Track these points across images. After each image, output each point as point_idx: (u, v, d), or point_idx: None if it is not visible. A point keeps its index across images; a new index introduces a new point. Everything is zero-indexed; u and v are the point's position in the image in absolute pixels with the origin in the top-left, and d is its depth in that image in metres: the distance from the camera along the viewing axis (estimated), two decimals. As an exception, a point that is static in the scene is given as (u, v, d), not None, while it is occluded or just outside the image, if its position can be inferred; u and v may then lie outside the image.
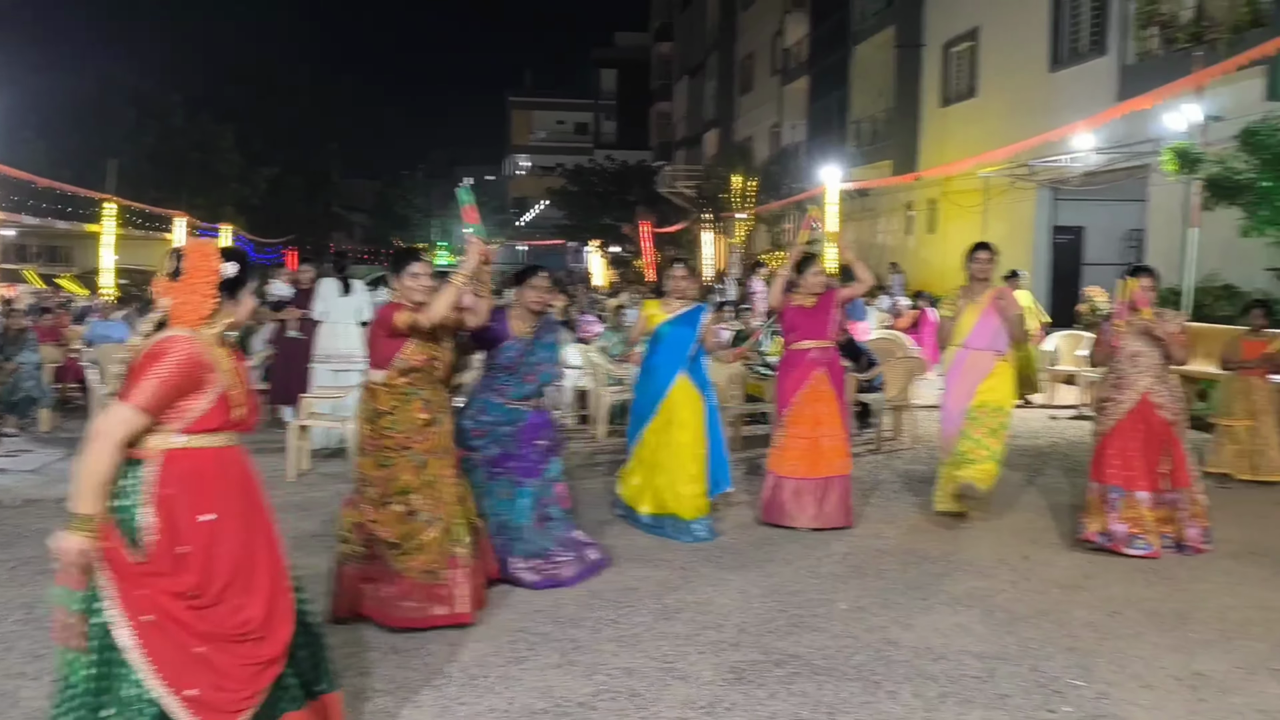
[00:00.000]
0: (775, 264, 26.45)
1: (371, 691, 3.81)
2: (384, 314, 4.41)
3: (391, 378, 4.37)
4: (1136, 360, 5.76)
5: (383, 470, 4.35)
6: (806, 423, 6.24)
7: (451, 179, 77.32)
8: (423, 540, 4.31)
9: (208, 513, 2.77)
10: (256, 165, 48.51)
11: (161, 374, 2.71)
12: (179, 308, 2.82)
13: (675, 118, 49.78)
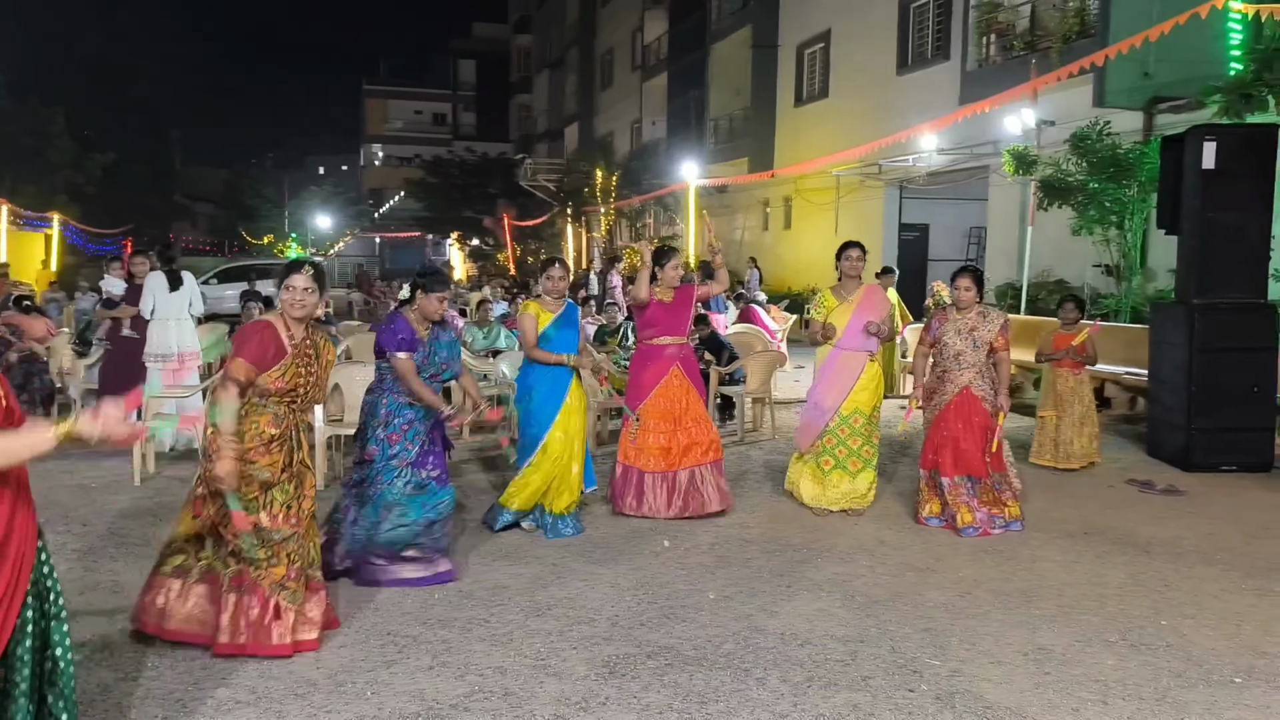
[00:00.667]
0: (635, 258, 26.71)
1: (233, 703, 3.68)
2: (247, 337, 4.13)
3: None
4: (960, 358, 6.14)
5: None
6: (664, 418, 6.33)
7: (304, 168, 75.05)
8: (278, 555, 4.08)
9: None
10: (91, 152, 45.81)
11: None
12: None
13: (536, 111, 49.55)
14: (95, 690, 3.77)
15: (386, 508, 4.95)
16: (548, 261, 6.25)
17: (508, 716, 3.63)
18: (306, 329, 4.22)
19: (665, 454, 6.28)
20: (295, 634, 4.08)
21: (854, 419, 6.44)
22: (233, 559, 4.09)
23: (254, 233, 58.07)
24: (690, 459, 6.33)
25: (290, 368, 4.09)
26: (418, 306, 5.11)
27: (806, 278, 20.96)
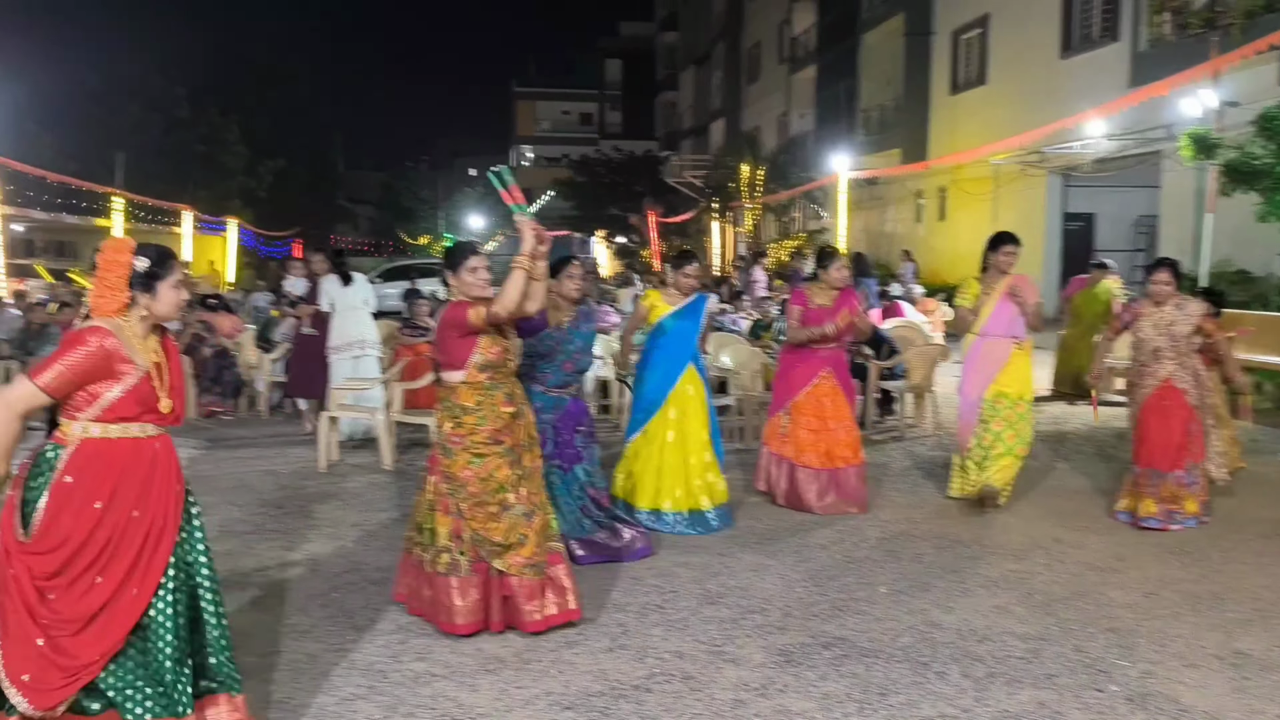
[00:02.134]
0: (782, 253, 26.52)
1: (429, 676, 3.88)
2: (452, 315, 4.22)
3: (472, 375, 4.20)
4: (1158, 353, 5.92)
5: (472, 469, 4.16)
6: (813, 416, 6.32)
7: (455, 171, 77.34)
8: (524, 534, 4.17)
9: (100, 500, 2.92)
10: (262, 157, 48.49)
11: (70, 360, 2.89)
12: (95, 300, 3.00)
13: (682, 107, 49.76)
14: (303, 660, 4.04)
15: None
16: (683, 256, 6.26)
17: (689, 699, 3.72)
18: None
19: (814, 451, 6.28)
20: (546, 610, 4.21)
21: (998, 401, 6.26)
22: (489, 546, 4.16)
23: (411, 233, 60.33)
24: (835, 460, 6.31)
25: (493, 337, 4.24)
26: (554, 289, 5.18)
27: (963, 270, 20.23)
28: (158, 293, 3.03)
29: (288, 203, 52.04)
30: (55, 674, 2.88)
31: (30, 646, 2.86)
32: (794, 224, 31.27)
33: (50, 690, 2.87)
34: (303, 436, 8.90)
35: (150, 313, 3.04)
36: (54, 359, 2.90)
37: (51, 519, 2.87)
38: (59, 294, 15.79)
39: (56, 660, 2.87)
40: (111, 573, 2.93)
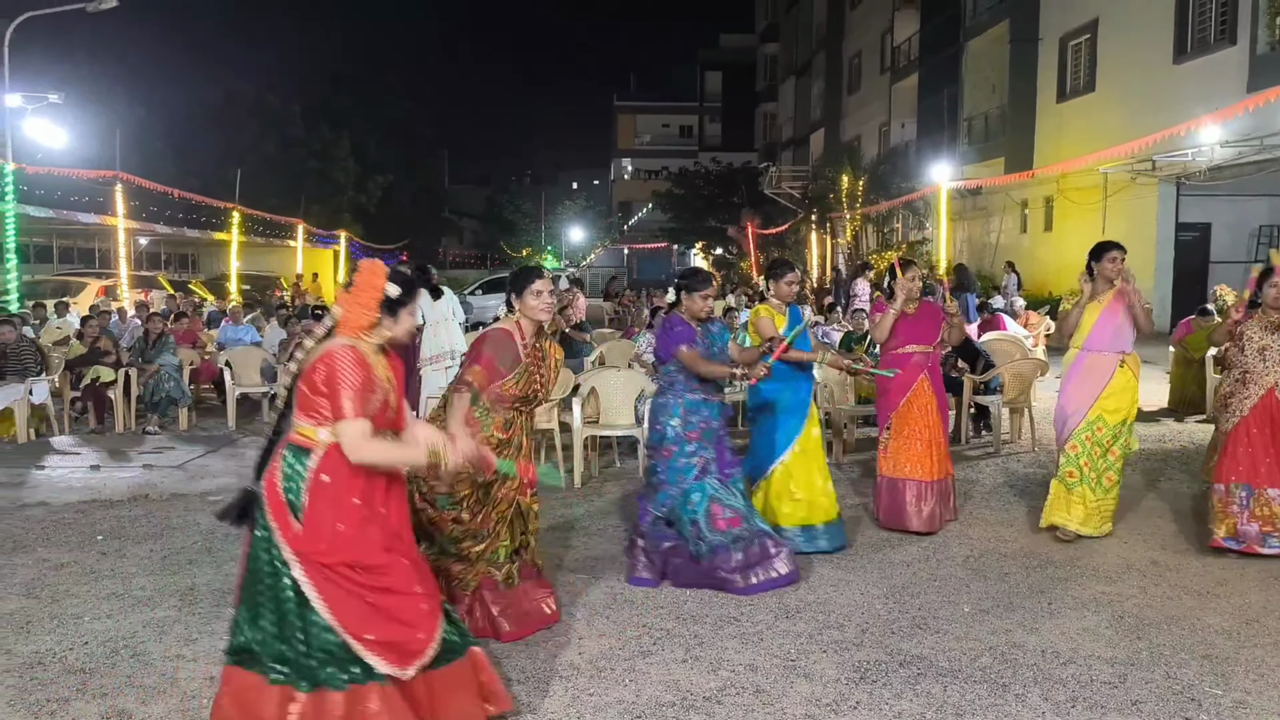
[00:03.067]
0: (883, 265, 26.12)
1: (506, 681, 3.96)
2: (476, 345, 4.33)
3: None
4: (1265, 352, 5.61)
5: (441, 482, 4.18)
6: (917, 424, 6.20)
7: (557, 184, 78.58)
8: (467, 551, 4.27)
9: (357, 497, 3.15)
10: (371, 173, 50.04)
11: (352, 382, 3.09)
12: (345, 317, 3.18)
13: (781, 118, 49.54)
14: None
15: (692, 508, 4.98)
16: (781, 264, 6.10)
17: (760, 713, 3.71)
18: (536, 333, 4.41)
19: (920, 462, 6.15)
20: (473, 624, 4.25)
21: (1098, 426, 6.01)
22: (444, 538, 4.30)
23: (513, 246, 61.43)
24: (934, 471, 6.16)
25: (524, 375, 4.30)
26: (684, 307, 5.22)
27: (1069, 282, 19.75)
28: (399, 318, 3.26)
29: (395, 217, 53.56)
30: (401, 627, 3.12)
31: (362, 606, 3.09)
32: (895, 235, 30.79)
33: (408, 644, 3.12)
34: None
35: (391, 335, 3.27)
36: (339, 393, 3.06)
37: (315, 513, 3.10)
38: (178, 305, 16.56)
39: (398, 613, 3.13)
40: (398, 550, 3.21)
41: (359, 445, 3.09)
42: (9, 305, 16.12)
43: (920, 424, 6.16)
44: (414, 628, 3.16)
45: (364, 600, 3.11)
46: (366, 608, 3.11)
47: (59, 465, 8.38)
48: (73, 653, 4.27)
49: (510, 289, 4.42)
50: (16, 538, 6.07)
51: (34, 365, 9.62)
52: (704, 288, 5.17)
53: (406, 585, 3.16)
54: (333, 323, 3.23)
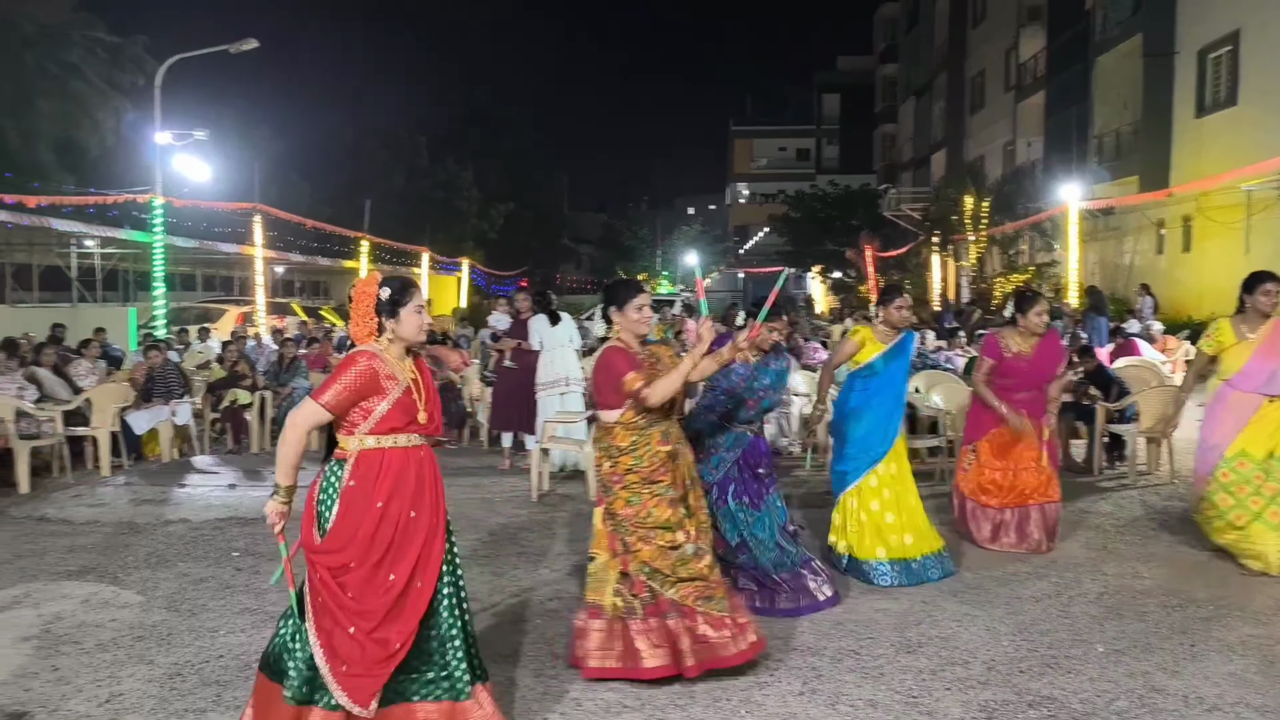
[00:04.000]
0: (1008, 288, 25.36)
1: (620, 707, 3.96)
2: (609, 362, 4.17)
3: (627, 416, 4.16)
4: None
5: (631, 507, 4.10)
6: (1003, 457, 6.09)
7: (674, 209, 78.89)
8: (694, 570, 4.07)
9: (380, 499, 3.33)
10: (493, 201, 51.29)
11: (345, 380, 3.33)
12: (353, 328, 3.49)
13: (901, 140, 48.80)
14: (503, 683, 4.20)
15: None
16: (891, 289, 6.00)
17: (880, 750, 3.61)
18: (642, 342, 4.38)
19: (998, 489, 6.08)
20: (737, 643, 4.08)
21: (1239, 463, 5.69)
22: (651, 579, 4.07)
23: (629, 271, 61.82)
24: (1020, 498, 6.09)
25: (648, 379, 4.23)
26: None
27: (1210, 305, 18.79)
28: (400, 317, 3.44)
29: (515, 243, 54.69)
30: (367, 661, 3.29)
31: (343, 635, 3.30)
32: (1021, 257, 29.85)
33: (366, 678, 3.29)
34: (504, 470, 9.27)
35: (396, 335, 3.45)
36: (331, 380, 3.35)
37: (341, 519, 3.32)
38: (310, 331, 17.24)
39: (366, 648, 3.29)
40: (400, 569, 3.35)
41: (298, 421, 3.36)
42: (156, 331, 17.05)
43: (1009, 455, 6.12)
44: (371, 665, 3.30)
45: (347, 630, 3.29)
46: (350, 639, 3.29)
47: (199, 484, 8.79)
48: (209, 665, 4.45)
49: (608, 302, 4.33)
50: (160, 553, 6.39)
51: (178, 388, 10.14)
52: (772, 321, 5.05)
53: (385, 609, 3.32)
54: (348, 339, 3.50)
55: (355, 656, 3.28)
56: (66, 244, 21.97)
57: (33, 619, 5.08)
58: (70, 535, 6.85)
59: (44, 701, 4.08)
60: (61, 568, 6.04)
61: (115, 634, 4.85)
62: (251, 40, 18.05)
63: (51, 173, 24.40)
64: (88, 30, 26.39)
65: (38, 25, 25.37)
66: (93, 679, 4.30)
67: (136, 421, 9.62)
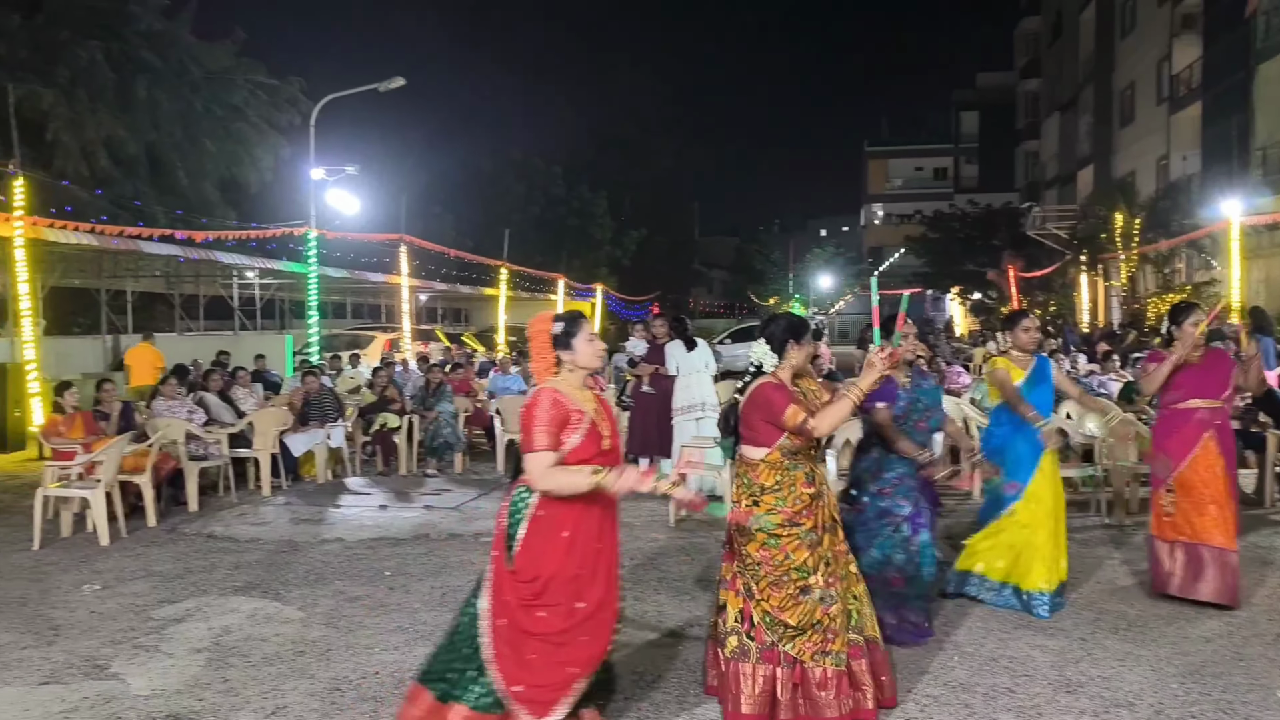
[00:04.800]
0: (1163, 308, 24.13)
1: (766, 737, 3.91)
2: (766, 397, 4.00)
3: (773, 456, 4.01)
4: None
5: (768, 550, 3.94)
6: (1197, 488, 5.65)
7: (806, 232, 78.36)
8: (820, 619, 3.90)
9: (566, 529, 3.42)
10: (626, 228, 52.07)
11: (542, 420, 3.42)
12: (533, 366, 3.63)
13: (1044, 157, 47.16)
14: (648, 709, 4.22)
15: (877, 565, 4.86)
16: (1016, 314, 5.83)
17: (1041, 794, 3.46)
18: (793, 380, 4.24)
19: (1217, 525, 5.59)
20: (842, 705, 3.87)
21: None
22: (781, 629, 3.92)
23: (761, 295, 61.68)
24: (1217, 538, 5.57)
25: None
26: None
27: (1393, 326, 17.45)
28: (574, 348, 3.58)
29: (648, 269, 55.29)
30: (547, 686, 3.44)
31: (523, 660, 3.44)
32: (1177, 276, 28.40)
33: (544, 702, 3.44)
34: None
35: (575, 365, 3.59)
36: (530, 426, 3.44)
37: (528, 546, 3.45)
38: (453, 356, 17.78)
39: (547, 672, 3.44)
40: (591, 596, 3.48)
41: (542, 474, 3.41)
42: (311, 357, 17.88)
43: (1209, 488, 5.60)
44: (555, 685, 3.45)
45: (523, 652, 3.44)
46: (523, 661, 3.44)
47: (352, 504, 9.16)
48: (365, 681, 4.62)
49: (789, 335, 4.14)
50: (318, 570, 6.67)
51: (333, 412, 10.60)
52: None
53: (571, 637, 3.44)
54: (532, 377, 3.66)
55: (532, 680, 3.43)
56: (230, 275, 23.32)
57: (204, 631, 5.38)
58: (236, 552, 7.23)
59: (215, 711, 4.30)
60: (229, 583, 6.37)
61: (279, 648, 5.09)
62: (399, 79, 18.86)
63: (216, 209, 25.97)
64: (250, 74, 28.04)
65: (205, 71, 27.12)
66: (259, 691, 4.52)
67: (294, 443, 10.09)
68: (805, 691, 3.87)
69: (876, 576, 4.83)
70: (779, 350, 4.11)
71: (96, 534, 7.54)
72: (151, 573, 6.65)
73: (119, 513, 7.76)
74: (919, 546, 4.90)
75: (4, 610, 5.81)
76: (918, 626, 5.02)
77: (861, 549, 4.84)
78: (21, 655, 5.02)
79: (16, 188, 13.43)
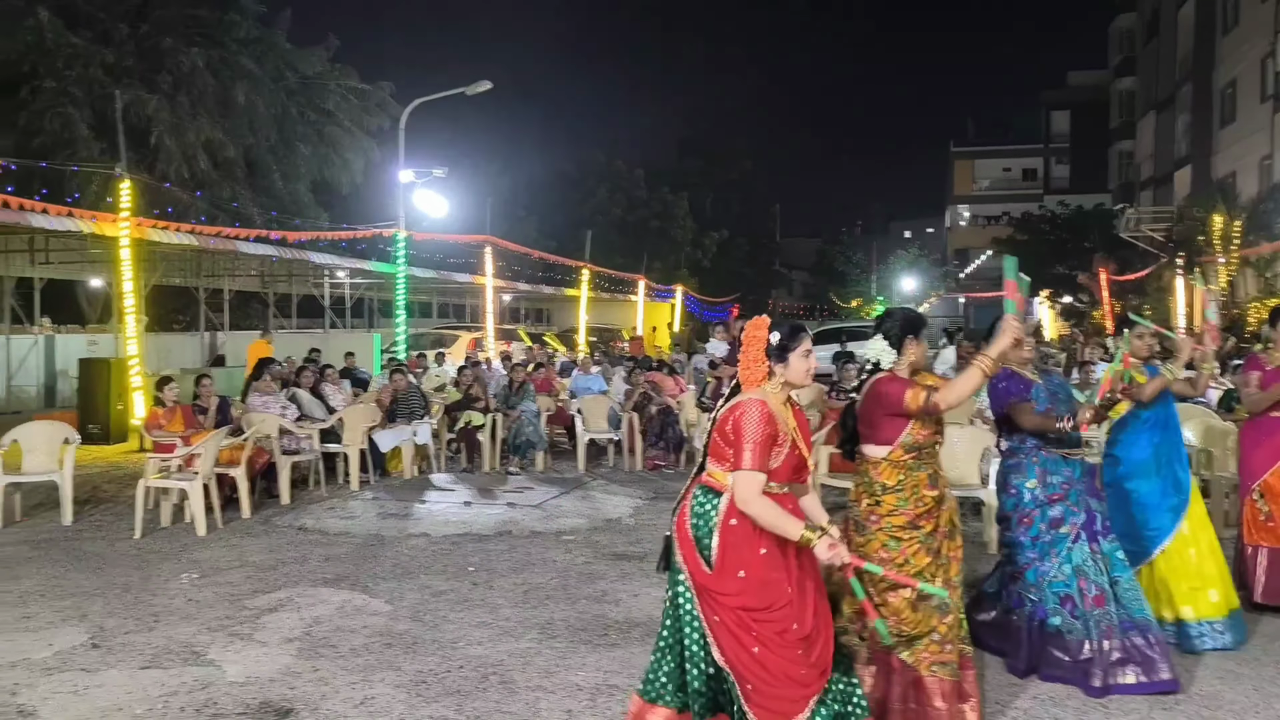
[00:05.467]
0: (1264, 313, 23.20)
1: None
2: (886, 390, 3.91)
3: (896, 454, 3.91)
4: None
5: (888, 552, 3.86)
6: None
7: (889, 234, 77.45)
8: (937, 628, 3.82)
9: (764, 546, 3.20)
10: (707, 230, 52.01)
11: (755, 436, 3.20)
12: (743, 372, 3.39)
13: (1139, 157, 45.73)
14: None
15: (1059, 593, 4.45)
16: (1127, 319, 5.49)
17: (1135, 813, 3.37)
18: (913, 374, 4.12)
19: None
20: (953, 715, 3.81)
21: None
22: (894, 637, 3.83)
23: (843, 297, 60.99)
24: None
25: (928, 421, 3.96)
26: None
27: None
28: (789, 362, 3.38)
29: (728, 270, 55.14)
30: (785, 691, 3.15)
31: (751, 659, 3.16)
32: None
33: (781, 711, 3.15)
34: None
35: (785, 380, 3.39)
36: (742, 442, 3.20)
37: (726, 555, 3.20)
38: (535, 356, 17.97)
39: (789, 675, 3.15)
40: (804, 620, 3.20)
41: (750, 497, 3.17)
42: (398, 355, 18.25)
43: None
44: (792, 689, 3.15)
45: (752, 652, 3.15)
46: (754, 659, 3.15)
47: (437, 500, 9.32)
48: (450, 675, 4.70)
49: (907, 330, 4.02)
50: (405, 565, 6.81)
51: (420, 409, 10.81)
52: None
53: (796, 644, 3.16)
54: (736, 381, 3.42)
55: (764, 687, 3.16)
56: (321, 275, 23.93)
57: (295, 621, 5.54)
58: (326, 545, 7.42)
59: (306, 700, 4.42)
60: (319, 575, 6.55)
61: (366, 640, 5.21)
62: (486, 82, 19.12)
63: (308, 210, 26.70)
64: (342, 79, 28.75)
65: (300, 76, 27.91)
66: (348, 681, 4.63)
67: (382, 440, 10.32)
68: (918, 699, 3.81)
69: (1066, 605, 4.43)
70: (896, 346, 4.02)
71: (194, 524, 7.81)
72: (245, 563, 6.86)
73: (215, 504, 8.03)
74: (1111, 558, 4.49)
75: (110, 596, 6.06)
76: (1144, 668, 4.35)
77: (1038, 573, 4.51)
78: (125, 640, 5.23)
79: (123, 190, 14.00)
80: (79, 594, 6.10)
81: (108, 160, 18.11)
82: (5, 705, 4.36)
